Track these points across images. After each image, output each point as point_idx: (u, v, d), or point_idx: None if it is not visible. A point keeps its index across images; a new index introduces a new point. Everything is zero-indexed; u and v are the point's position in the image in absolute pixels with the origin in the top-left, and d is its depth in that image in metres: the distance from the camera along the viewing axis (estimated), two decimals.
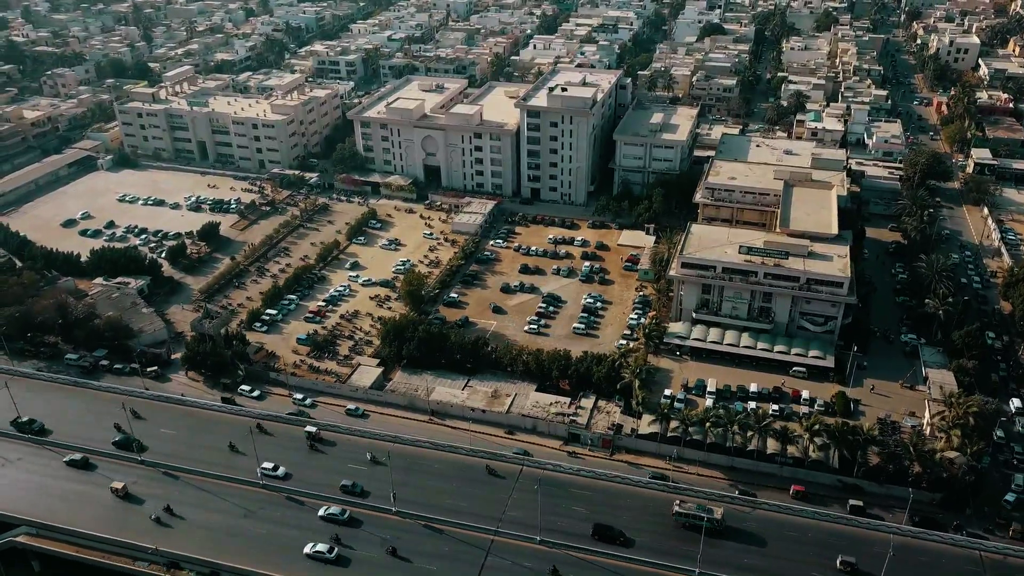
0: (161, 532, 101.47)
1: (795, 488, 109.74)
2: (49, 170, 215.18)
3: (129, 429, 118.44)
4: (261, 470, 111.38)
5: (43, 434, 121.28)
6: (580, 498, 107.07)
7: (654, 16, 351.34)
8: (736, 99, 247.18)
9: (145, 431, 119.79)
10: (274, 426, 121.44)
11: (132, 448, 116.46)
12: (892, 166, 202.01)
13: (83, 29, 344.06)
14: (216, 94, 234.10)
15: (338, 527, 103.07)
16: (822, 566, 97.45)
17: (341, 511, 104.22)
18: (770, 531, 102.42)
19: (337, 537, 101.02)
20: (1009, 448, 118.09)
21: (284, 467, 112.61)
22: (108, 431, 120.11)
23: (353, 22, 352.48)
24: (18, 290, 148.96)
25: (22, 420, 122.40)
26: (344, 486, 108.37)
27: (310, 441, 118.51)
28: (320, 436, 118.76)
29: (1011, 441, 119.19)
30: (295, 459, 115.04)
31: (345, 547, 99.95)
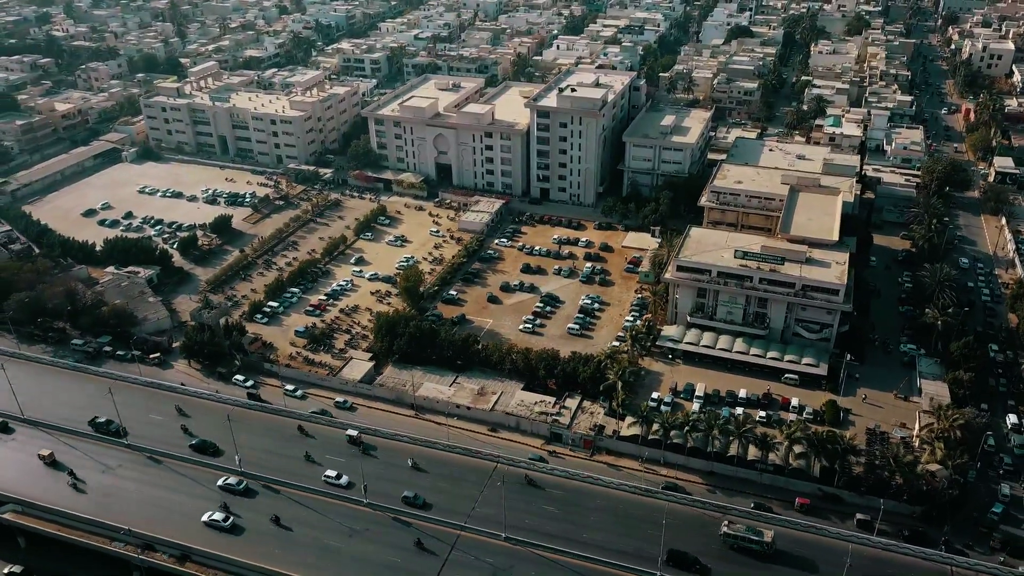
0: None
1: (800, 501, 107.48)
2: (75, 161, 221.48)
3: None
4: (325, 478, 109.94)
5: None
6: (555, 499, 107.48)
7: (682, 18, 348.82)
8: (756, 102, 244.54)
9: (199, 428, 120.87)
10: (314, 427, 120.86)
11: (117, 433, 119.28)
12: (909, 173, 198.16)
13: (121, 24, 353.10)
14: (239, 90, 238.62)
15: (233, 496, 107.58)
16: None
17: (238, 481, 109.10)
18: (819, 555, 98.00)
19: (225, 505, 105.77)
20: (999, 459, 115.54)
21: (346, 476, 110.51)
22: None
23: (383, 21, 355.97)
24: (31, 276, 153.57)
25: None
26: (406, 497, 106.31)
27: (352, 445, 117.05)
28: (361, 440, 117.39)
29: (1001, 452, 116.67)
30: (343, 464, 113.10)
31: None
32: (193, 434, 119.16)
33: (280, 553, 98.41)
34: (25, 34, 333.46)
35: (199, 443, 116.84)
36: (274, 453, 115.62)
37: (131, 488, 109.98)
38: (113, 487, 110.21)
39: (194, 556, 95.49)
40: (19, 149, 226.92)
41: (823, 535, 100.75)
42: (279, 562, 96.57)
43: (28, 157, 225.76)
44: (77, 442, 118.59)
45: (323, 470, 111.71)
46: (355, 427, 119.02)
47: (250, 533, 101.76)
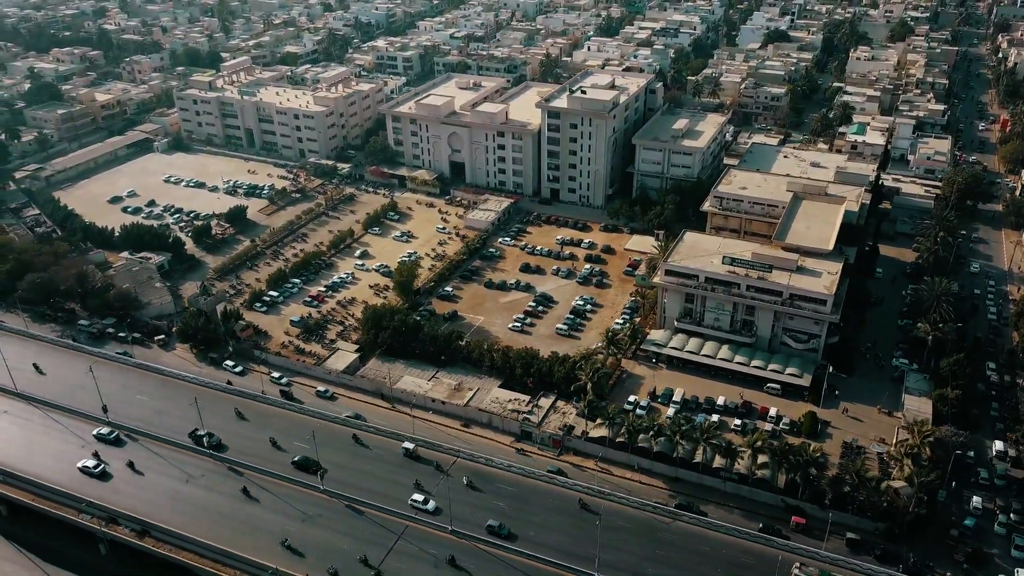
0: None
1: (795, 520, 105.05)
2: (109, 150, 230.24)
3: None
4: (411, 502, 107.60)
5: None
6: (504, 494, 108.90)
7: (721, 21, 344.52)
8: (784, 108, 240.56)
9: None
10: (368, 437, 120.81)
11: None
12: (930, 184, 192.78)
13: (172, 19, 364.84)
14: (268, 84, 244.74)
15: (106, 445, 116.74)
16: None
17: (109, 431, 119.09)
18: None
19: (96, 454, 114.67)
20: (975, 472, 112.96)
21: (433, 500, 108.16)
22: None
23: (422, 19, 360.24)
24: (47, 259, 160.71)
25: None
26: (490, 527, 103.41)
27: (409, 458, 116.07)
28: (417, 453, 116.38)
29: (978, 466, 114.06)
30: (402, 479, 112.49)
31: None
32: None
33: None
34: (80, 27, 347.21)
35: (301, 460, 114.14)
36: (348, 468, 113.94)
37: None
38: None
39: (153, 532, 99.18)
40: (58, 137, 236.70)
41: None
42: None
43: (67, 145, 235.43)
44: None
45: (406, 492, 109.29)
46: (412, 440, 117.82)
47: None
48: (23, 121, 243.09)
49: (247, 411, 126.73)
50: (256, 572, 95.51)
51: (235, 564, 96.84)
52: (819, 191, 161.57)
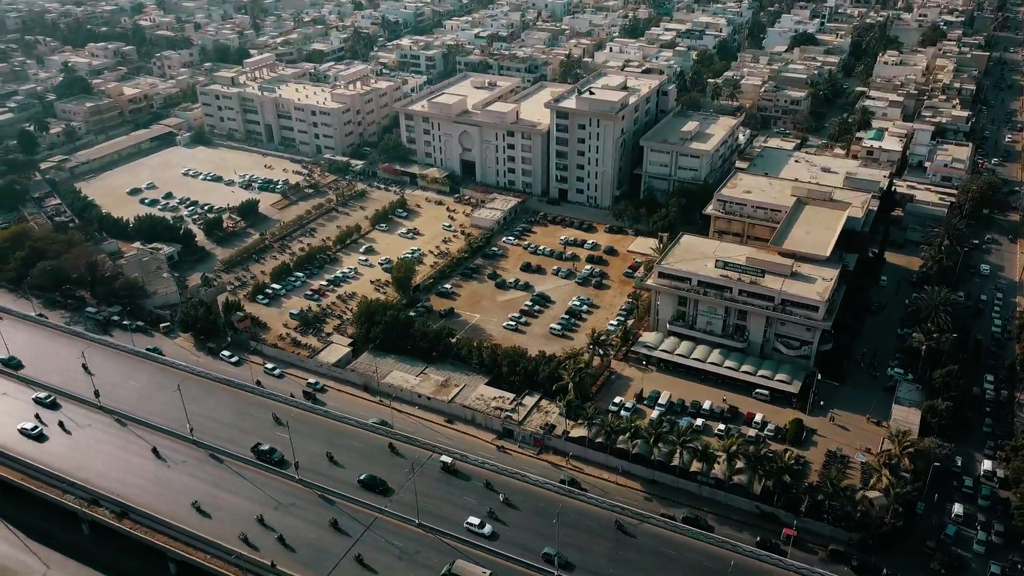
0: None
1: (787, 532, 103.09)
2: (133, 143, 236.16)
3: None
4: (467, 525, 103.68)
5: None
6: (473, 490, 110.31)
7: (749, 24, 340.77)
8: (803, 112, 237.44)
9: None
10: (403, 446, 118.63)
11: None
12: (946, 192, 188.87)
13: (206, 16, 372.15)
14: (289, 81, 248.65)
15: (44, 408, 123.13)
16: None
17: (46, 395, 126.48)
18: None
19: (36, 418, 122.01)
20: (959, 480, 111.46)
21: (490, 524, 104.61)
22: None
23: (449, 18, 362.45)
24: (60, 247, 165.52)
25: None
26: (546, 555, 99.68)
27: (447, 472, 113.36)
28: (455, 467, 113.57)
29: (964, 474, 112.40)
30: (437, 493, 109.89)
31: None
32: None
33: None
34: (117, 23, 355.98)
35: (367, 479, 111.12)
36: (393, 484, 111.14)
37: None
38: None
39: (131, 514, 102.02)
40: (86, 130, 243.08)
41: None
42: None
43: (93, 137, 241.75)
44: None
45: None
46: (451, 454, 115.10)
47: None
48: (53, 114, 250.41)
49: (275, 413, 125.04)
50: (223, 556, 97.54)
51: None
52: (824, 196, 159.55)
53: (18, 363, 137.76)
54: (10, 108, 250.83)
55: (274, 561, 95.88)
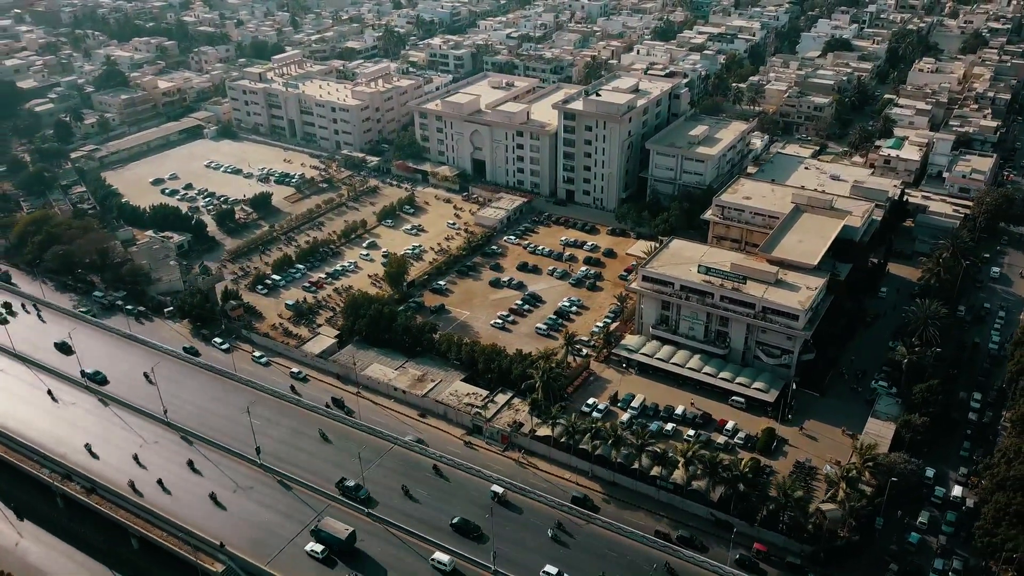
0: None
1: (757, 547, 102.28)
2: (162, 135, 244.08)
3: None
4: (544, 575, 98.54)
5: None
6: (429, 484, 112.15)
7: (786, 27, 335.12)
8: (827, 119, 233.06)
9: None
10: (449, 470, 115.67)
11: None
12: (959, 203, 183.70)
13: (249, 13, 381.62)
14: (315, 78, 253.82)
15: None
16: None
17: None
18: None
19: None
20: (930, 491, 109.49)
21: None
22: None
23: (484, 18, 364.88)
24: (75, 233, 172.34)
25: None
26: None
27: (497, 502, 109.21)
28: (507, 499, 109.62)
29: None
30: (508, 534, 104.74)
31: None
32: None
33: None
34: (163, 19, 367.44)
35: (460, 522, 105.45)
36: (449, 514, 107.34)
37: None
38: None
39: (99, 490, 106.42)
40: (120, 121, 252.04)
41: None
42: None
43: (126, 129, 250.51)
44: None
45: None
46: (502, 483, 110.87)
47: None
48: (91, 105, 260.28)
49: (323, 429, 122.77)
50: (185, 538, 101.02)
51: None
52: (824, 204, 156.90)
53: (103, 378, 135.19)
54: (51, 99, 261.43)
55: (223, 542, 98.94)
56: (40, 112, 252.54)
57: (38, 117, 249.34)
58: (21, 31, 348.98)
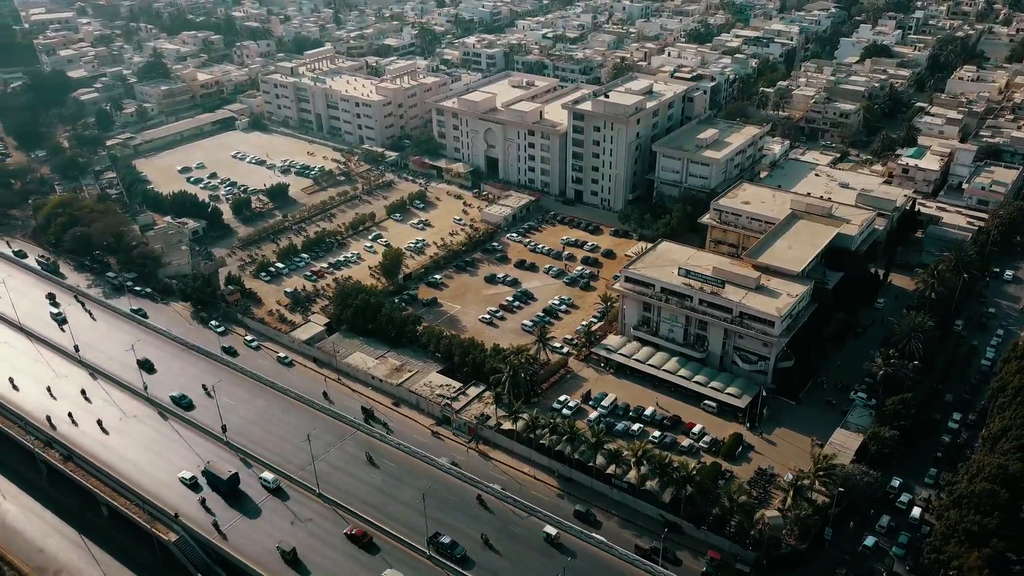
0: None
1: (711, 554, 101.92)
2: (195, 125, 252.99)
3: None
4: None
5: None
6: (387, 470, 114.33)
7: (827, 33, 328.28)
8: (850, 125, 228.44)
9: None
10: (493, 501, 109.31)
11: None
12: (973, 215, 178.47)
13: (296, 9, 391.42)
14: (344, 73, 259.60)
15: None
16: None
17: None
18: None
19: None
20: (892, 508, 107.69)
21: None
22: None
23: (523, 18, 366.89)
24: (96, 216, 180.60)
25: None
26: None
27: (550, 545, 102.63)
28: (560, 542, 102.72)
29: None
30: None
31: None
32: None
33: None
34: (214, 13, 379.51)
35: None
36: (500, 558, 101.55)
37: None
38: None
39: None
40: (158, 111, 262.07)
41: None
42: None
43: (164, 119, 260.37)
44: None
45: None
46: (555, 523, 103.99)
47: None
48: (133, 95, 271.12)
49: (369, 452, 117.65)
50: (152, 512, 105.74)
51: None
52: (822, 211, 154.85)
53: (189, 402, 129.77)
54: (96, 89, 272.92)
55: (177, 513, 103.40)
56: (85, 101, 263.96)
57: (83, 105, 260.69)
58: (81, 23, 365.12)
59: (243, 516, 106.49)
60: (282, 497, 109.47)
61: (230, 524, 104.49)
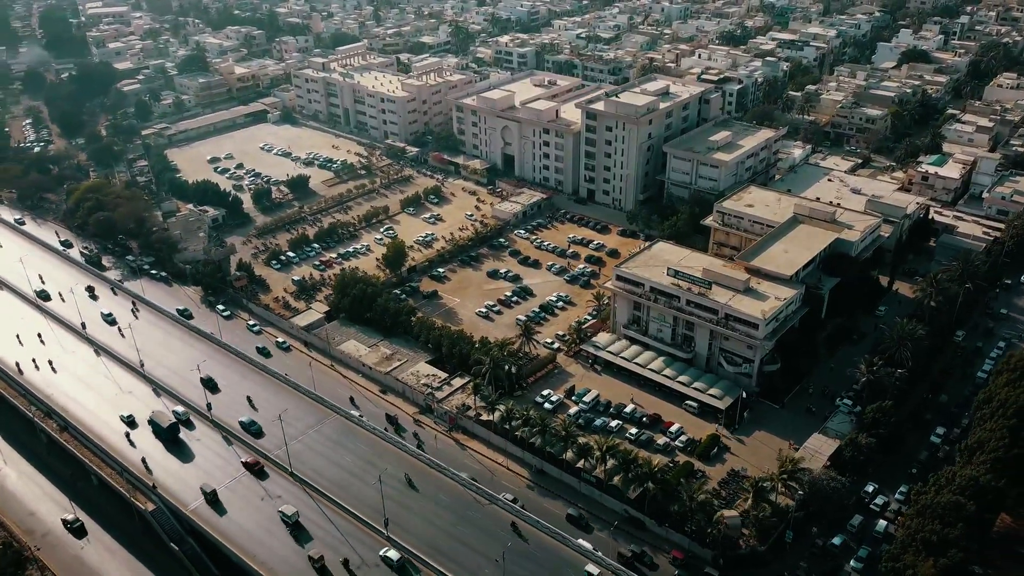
0: None
1: (674, 554, 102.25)
2: (229, 117, 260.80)
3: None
4: None
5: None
6: (359, 453, 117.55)
7: (867, 37, 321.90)
8: (876, 131, 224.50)
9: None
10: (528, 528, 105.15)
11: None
12: (989, 225, 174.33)
13: (340, 6, 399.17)
14: (373, 69, 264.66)
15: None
16: None
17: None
18: None
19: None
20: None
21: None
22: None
23: (560, 18, 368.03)
24: (121, 202, 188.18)
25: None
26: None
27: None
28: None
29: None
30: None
31: None
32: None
33: None
34: (259, 9, 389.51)
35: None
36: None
37: None
38: None
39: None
40: (195, 103, 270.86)
41: None
42: None
43: (200, 110, 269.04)
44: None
45: None
46: (600, 562, 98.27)
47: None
48: (173, 87, 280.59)
49: (408, 474, 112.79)
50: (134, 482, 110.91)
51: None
52: (825, 216, 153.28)
53: (259, 429, 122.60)
54: (138, 80, 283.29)
55: (155, 483, 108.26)
56: (127, 91, 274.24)
57: (124, 96, 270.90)
58: (133, 17, 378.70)
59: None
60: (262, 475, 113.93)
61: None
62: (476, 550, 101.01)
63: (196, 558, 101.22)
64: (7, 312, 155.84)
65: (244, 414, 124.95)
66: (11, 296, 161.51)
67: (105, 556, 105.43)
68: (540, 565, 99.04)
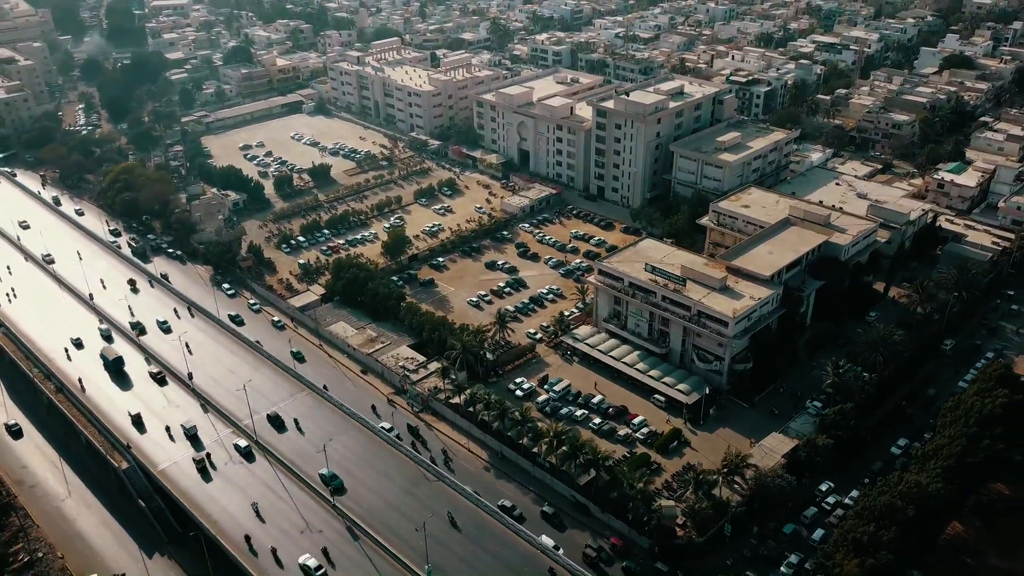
0: None
1: (613, 540, 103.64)
2: (265, 107, 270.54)
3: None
4: None
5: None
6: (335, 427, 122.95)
7: (911, 41, 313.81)
8: (901, 137, 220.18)
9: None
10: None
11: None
12: (1003, 235, 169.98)
13: (389, 2, 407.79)
14: (406, 63, 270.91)
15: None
16: None
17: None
18: None
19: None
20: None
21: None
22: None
23: (602, 17, 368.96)
24: (147, 183, 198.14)
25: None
26: None
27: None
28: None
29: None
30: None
31: None
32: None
33: None
34: (309, 3, 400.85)
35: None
36: None
37: None
38: None
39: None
40: (236, 92, 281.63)
41: None
42: None
43: (240, 100, 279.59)
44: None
45: None
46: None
47: None
48: (218, 77, 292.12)
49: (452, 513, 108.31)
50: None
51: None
52: (819, 219, 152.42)
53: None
54: (186, 70, 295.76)
55: (129, 443, 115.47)
56: (174, 80, 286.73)
57: (171, 84, 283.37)
58: (192, 10, 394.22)
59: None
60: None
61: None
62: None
63: (160, 514, 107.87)
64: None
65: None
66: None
67: (82, 509, 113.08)
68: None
